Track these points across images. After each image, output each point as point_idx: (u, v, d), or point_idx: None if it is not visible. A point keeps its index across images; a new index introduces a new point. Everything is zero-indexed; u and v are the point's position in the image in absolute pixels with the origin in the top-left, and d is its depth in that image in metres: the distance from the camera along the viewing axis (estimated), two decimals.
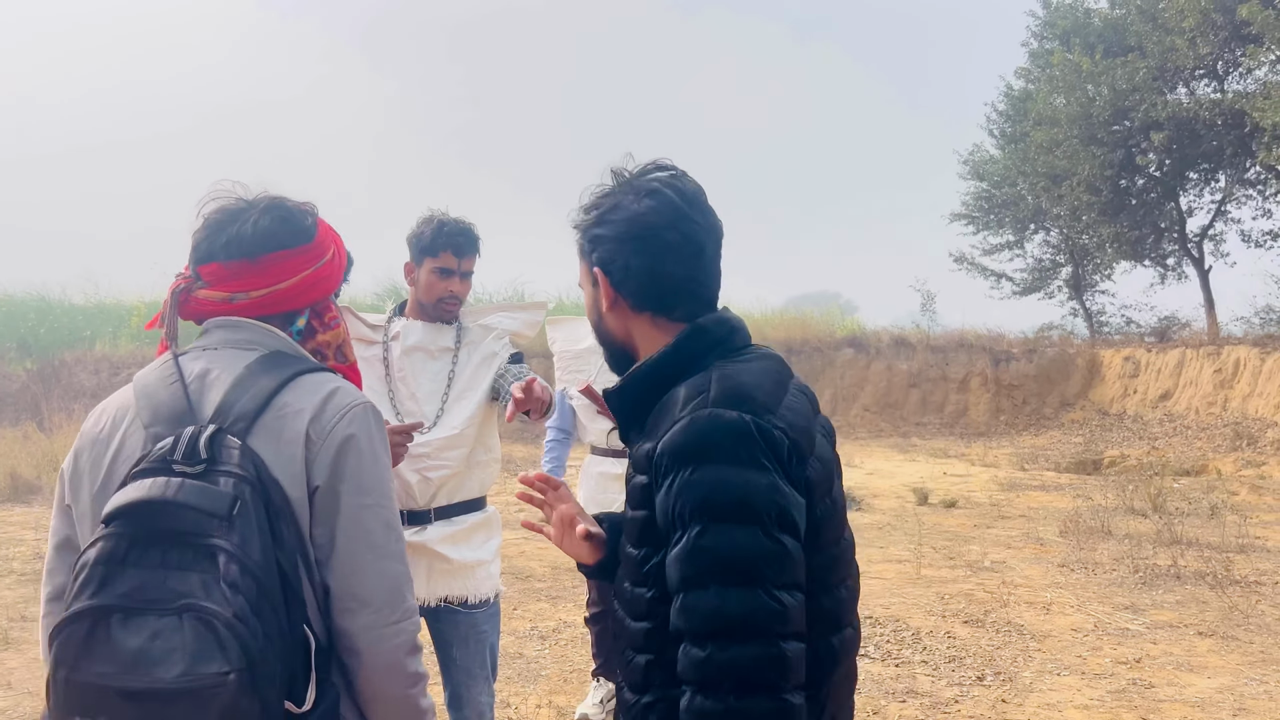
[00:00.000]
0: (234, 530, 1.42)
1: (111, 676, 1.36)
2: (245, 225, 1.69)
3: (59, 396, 16.40)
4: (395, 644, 1.58)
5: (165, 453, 1.48)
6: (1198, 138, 19.19)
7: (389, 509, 1.61)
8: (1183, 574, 7.33)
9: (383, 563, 1.57)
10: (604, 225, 1.61)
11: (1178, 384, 17.73)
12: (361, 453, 1.59)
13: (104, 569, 1.41)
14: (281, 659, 1.43)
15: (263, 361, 1.63)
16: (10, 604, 6.75)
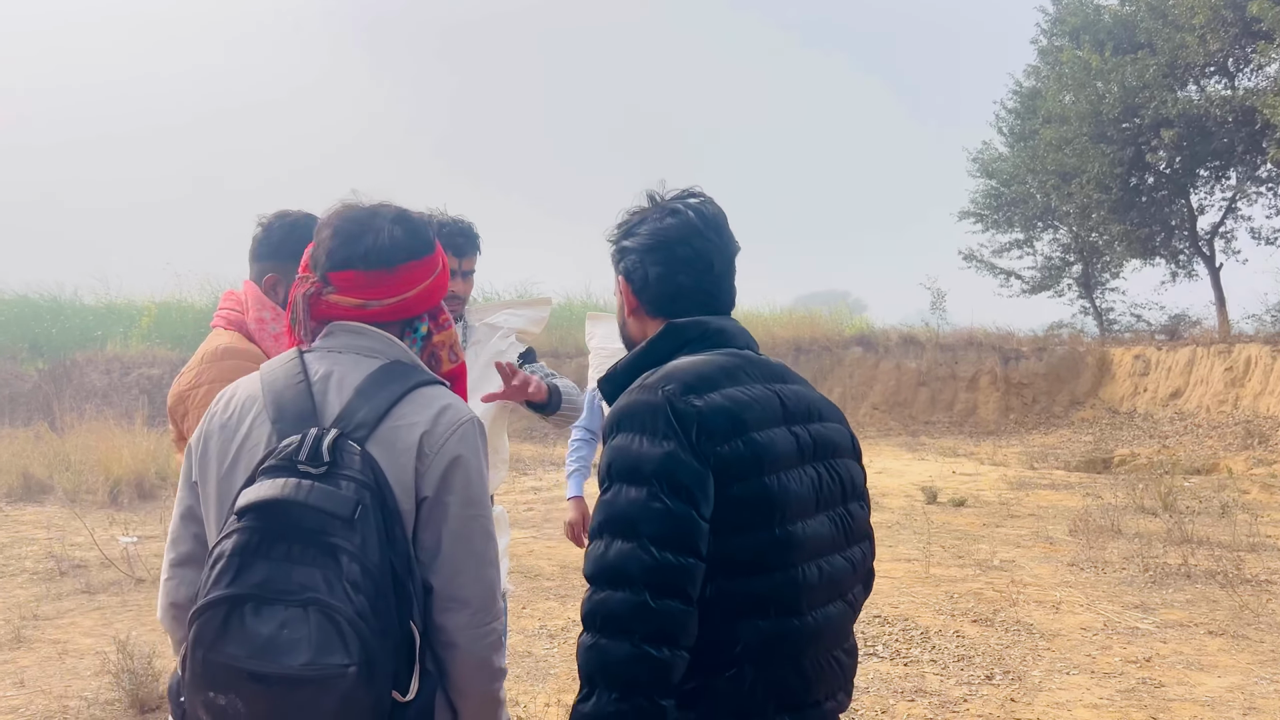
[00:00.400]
0: (355, 532, 1.55)
1: (244, 659, 1.50)
2: (382, 236, 1.79)
3: (70, 396, 16.46)
4: (488, 641, 1.70)
5: (291, 452, 1.61)
6: (1208, 135, 19.11)
7: (489, 519, 1.74)
8: (1193, 573, 7.31)
9: (482, 568, 1.70)
10: (630, 238, 1.82)
11: (1188, 382, 17.67)
12: (469, 468, 1.71)
13: (239, 560, 1.54)
14: (393, 654, 1.56)
15: (384, 371, 1.75)
16: (22, 603, 6.78)
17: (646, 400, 1.58)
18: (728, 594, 1.56)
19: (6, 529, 9.70)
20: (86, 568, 7.83)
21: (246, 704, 1.50)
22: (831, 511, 1.72)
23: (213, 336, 2.70)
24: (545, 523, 9.96)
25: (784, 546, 1.59)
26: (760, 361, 1.76)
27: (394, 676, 1.57)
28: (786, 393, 1.72)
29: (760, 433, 1.61)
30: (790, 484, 1.62)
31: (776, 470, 1.61)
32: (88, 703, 4.90)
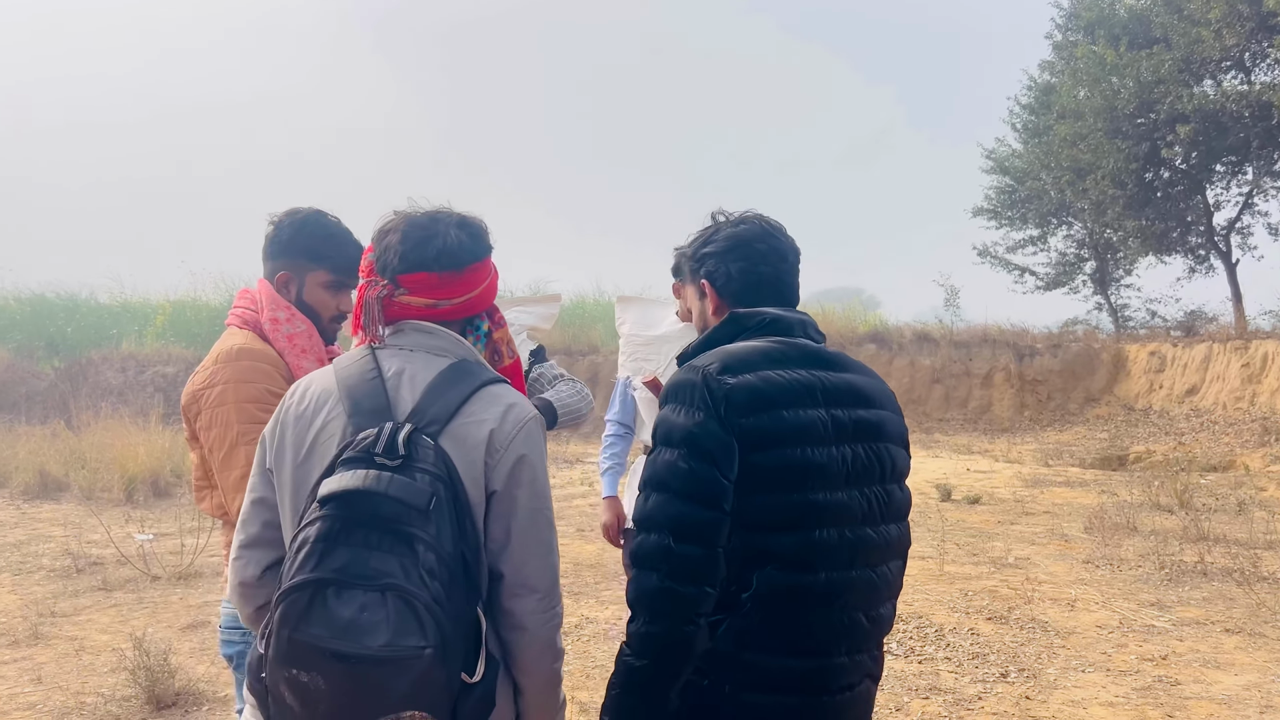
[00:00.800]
0: (430, 522, 1.66)
1: (326, 639, 1.59)
2: (450, 239, 1.91)
3: (86, 395, 16.55)
4: (553, 624, 1.82)
5: (369, 445, 1.71)
6: (1224, 130, 18.99)
7: (551, 511, 1.85)
8: (1210, 570, 7.27)
9: (548, 556, 1.82)
10: (709, 245, 2.08)
11: (1204, 379, 17.57)
12: (535, 464, 1.82)
13: (323, 546, 1.64)
14: (462, 638, 1.67)
15: (454, 369, 1.86)
16: (40, 599, 6.82)
17: (688, 378, 1.84)
18: (748, 545, 1.79)
19: (24, 526, 9.76)
20: (103, 565, 7.87)
21: (328, 681, 1.59)
22: (866, 489, 1.89)
23: (227, 335, 2.71)
24: (558, 520, 9.96)
25: (801, 510, 1.80)
26: (812, 350, 1.96)
27: (463, 659, 1.67)
28: (832, 379, 1.91)
29: (790, 410, 1.82)
30: (816, 457, 1.82)
31: (802, 444, 1.81)
32: (104, 699, 4.93)
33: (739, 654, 1.80)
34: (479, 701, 1.71)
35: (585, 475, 13.58)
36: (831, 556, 1.82)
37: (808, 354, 1.93)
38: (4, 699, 4.96)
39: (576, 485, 12.64)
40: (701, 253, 2.09)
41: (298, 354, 2.60)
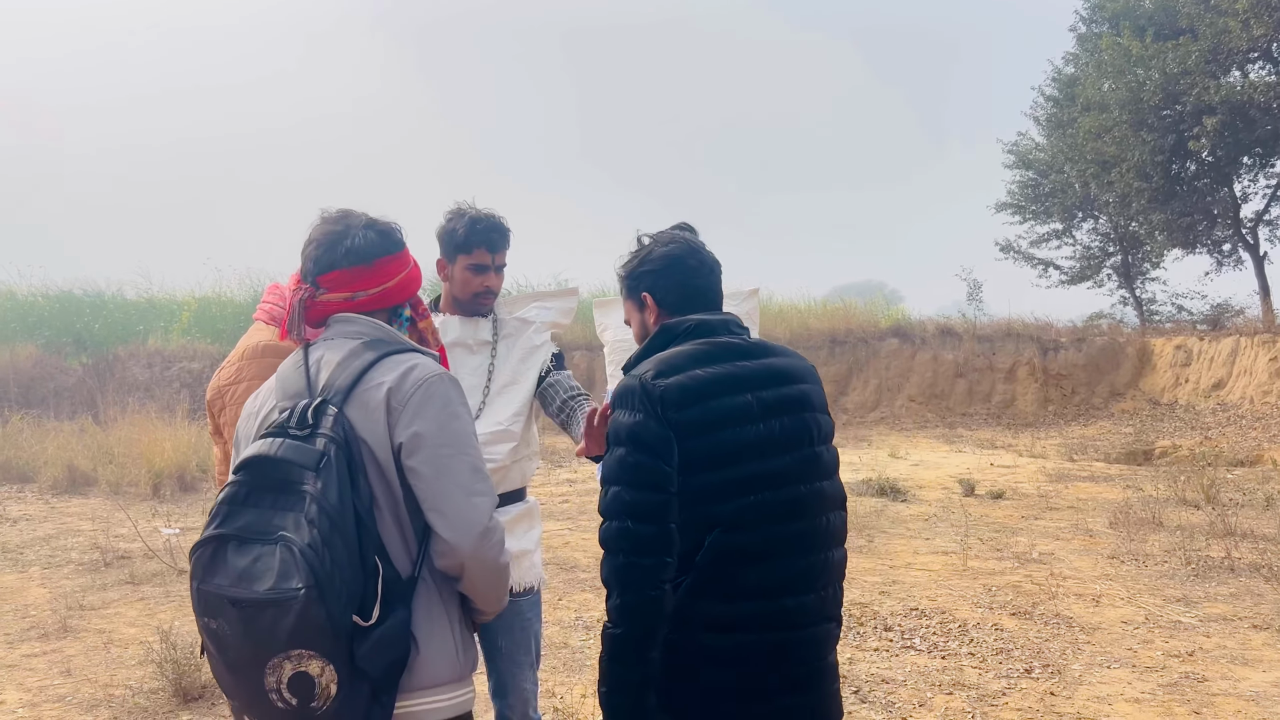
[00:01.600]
0: (319, 479, 1.84)
1: (225, 588, 1.80)
2: (357, 238, 2.10)
3: (113, 390, 16.71)
4: (490, 555, 1.97)
5: (284, 420, 1.93)
6: (1252, 122, 18.76)
7: (472, 455, 1.99)
8: (1237, 566, 7.21)
9: (472, 499, 1.95)
10: (646, 265, 2.35)
11: (1231, 373, 17.40)
12: (437, 412, 1.96)
13: (228, 508, 1.86)
14: (348, 582, 1.80)
15: (363, 345, 2.05)
16: (69, 593, 6.90)
17: (629, 385, 2.13)
18: (696, 516, 2.07)
19: (53, 521, 9.87)
20: (130, 559, 7.95)
21: (230, 626, 1.80)
22: (795, 453, 2.18)
23: (253, 331, 2.73)
24: (580, 515, 9.99)
25: (737, 482, 2.10)
26: (734, 345, 2.24)
27: (357, 603, 1.82)
28: (752, 366, 2.21)
29: (716, 400, 2.11)
30: (746, 435, 2.12)
31: (731, 426, 2.11)
32: (132, 691, 4.98)
33: (696, 604, 2.07)
34: (378, 644, 1.84)
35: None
36: (769, 515, 2.12)
37: (730, 349, 2.23)
38: (34, 691, 5.02)
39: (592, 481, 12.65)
40: (640, 271, 2.37)
41: None
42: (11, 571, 7.67)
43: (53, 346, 18.08)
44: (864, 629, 5.89)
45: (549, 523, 9.48)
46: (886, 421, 18.97)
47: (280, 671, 1.78)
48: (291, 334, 2.11)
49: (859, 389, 19.84)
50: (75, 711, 4.76)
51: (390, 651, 1.87)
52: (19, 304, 19.41)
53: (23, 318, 18.80)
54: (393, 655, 1.88)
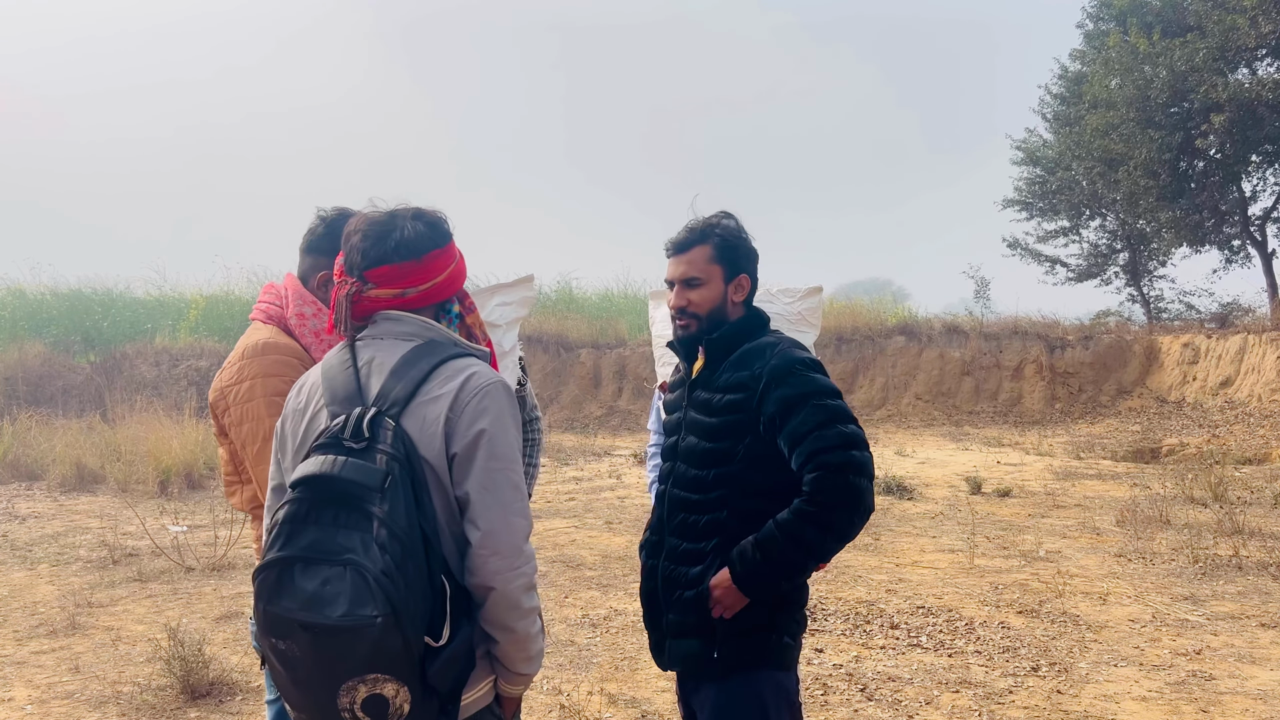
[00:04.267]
0: (385, 500, 1.80)
1: (295, 611, 1.76)
2: (406, 231, 2.04)
3: (121, 388, 16.76)
4: (520, 583, 1.91)
5: (338, 430, 1.88)
6: (1259, 119, 18.71)
7: (516, 473, 1.95)
8: (1245, 564, 7.19)
9: (511, 518, 1.91)
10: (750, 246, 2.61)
11: (1239, 371, 17.35)
12: (492, 425, 1.93)
13: (290, 527, 1.81)
14: (422, 604, 1.79)
15: (417, 350, 2.00)
16: (77, 590, 6.92)
17: (805, 355, 2.44)
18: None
19: (61, 518, 9.91)
20: (138, 556, 7.98)
21: (300, 649, 1.76)
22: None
23: (252, 330, 2.73)
24: (587, 513, 10.00)
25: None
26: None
27: (427, 624, 1.80)
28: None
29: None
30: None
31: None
32: (140, 688, 5.00)
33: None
34: (448, 663, 1.83)
35: (614, 468, 13.60)
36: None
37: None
38: (43, 688, 5.04)
39: (604, 478, 12.66)
40: (748, 250, 2.58)
41: (323, 349, 2.60)
42: (20, 569, 7.70)
43: (61, 344, 18.14)
44: (871, 627, 5.89)
45: (556, 520, 9.49)
46: (893, 419, 18.95)
47: (354, 694, 1.77)
48: (339, 330, 2.05)
49: (865, 387, 19.82)
50: (83, 708, 4.78)
51: (459, 667, 1.87)
52: (28, 302, 19.46)
53: (31, 316, 18.86)
54: (460, 670, 1.88)
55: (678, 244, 2.59)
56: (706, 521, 2.45)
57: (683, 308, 2.55)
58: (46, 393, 16.79)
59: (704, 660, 2.46)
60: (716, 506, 2.44)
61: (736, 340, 2.53)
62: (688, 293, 2.55)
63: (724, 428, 2.45)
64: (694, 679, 2.53)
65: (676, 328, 2.60)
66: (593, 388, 19.97)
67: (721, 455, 2.45)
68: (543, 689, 4.93)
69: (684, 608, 2.48)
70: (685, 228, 2.61)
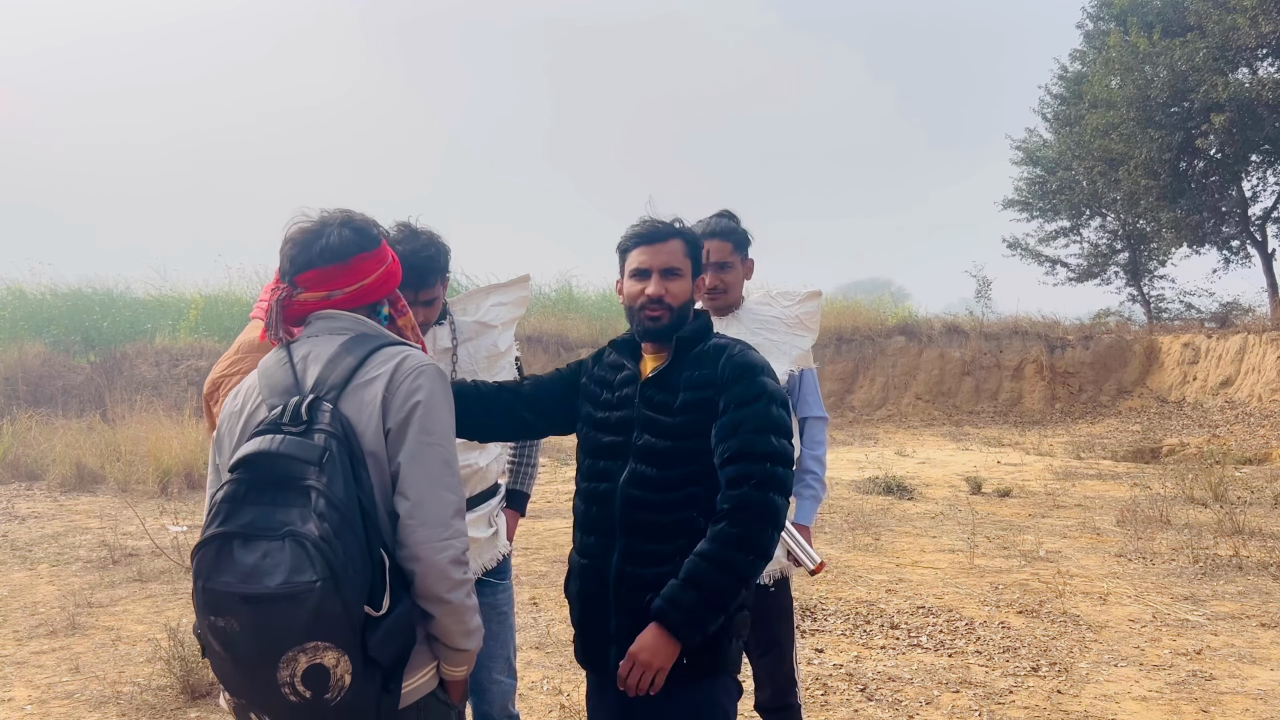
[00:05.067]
0: (324, 473, 1.86)
1: (234, 585, 1.80)
2: (332, 236, 2.11)
3: (121, 388, 16.75)
4: (444, 556, 1.94)
5: (276, 417, 1.94)
6: (1260, 120, 18.71)
7: (446, 449, 2.01)
8: (1245, 564, 7.19)
9: (438, 491, 1.96)
10: (700, 241, 2.63)
11: (1239, 370, 17.35)
12: (425, 401, 1.99)
13: (228, 506, 1.86)
14: (359, 573, 1.83)
15: (350, 342, 2.07)
16: (77, 590, 6.92)
17: (762, 359, 2.46)
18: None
19: (61, 518, 9.90)
20: (138, 556, 7.97)
21: (240, 623, 1.80)
22: None
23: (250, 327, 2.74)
24: None
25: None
26: None
27: (367, 594, 1.84)
28: None
29: None
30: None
31: None
32: (140, 688, 5.00)
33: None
34: (388, 634, 1.87)
35: None
36: None
37: None
38: (43, 688, 5.04)
39: None
40: (700, 244, 2.63)
41: None
42: (20, 569, 7.70)
43: (61, 344, 18.12)
44: (871, 627, 5.89)
45: (554, 520, 9.50)
46: (893, 419, 18.95)
47: (295, 665, 1.80)
48: (271, 334, 2.12)
49: (865, 387, 19.82)
50: (83, 708, 4.77)
51: (400, 639, 1.90)
52: (28, 302, 19.45)
53: (31, 316, 18.84)
54: (401, 643, 1.91)
55: (656, 233, 2.52)
56: (673, 521, 2.37)
57: (660, 297, 2.47)
58: (46, 393, 16.79)
59: (671, 667, 2.32)
60: (685, 505, 2.37)
61: (700, 338, 2.51)
62: (666, 283, 2.48)
63: (689, 426, 2.39)
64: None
65: (644, 319, 2.49)
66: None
67: (688, 454, 2.38)
68: (543, 689, 4.94)
69: (646, 611, 2.33)
70: (654, 221, 2.55)
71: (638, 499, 2.41)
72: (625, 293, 2.55)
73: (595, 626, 2.51)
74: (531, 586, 6.99)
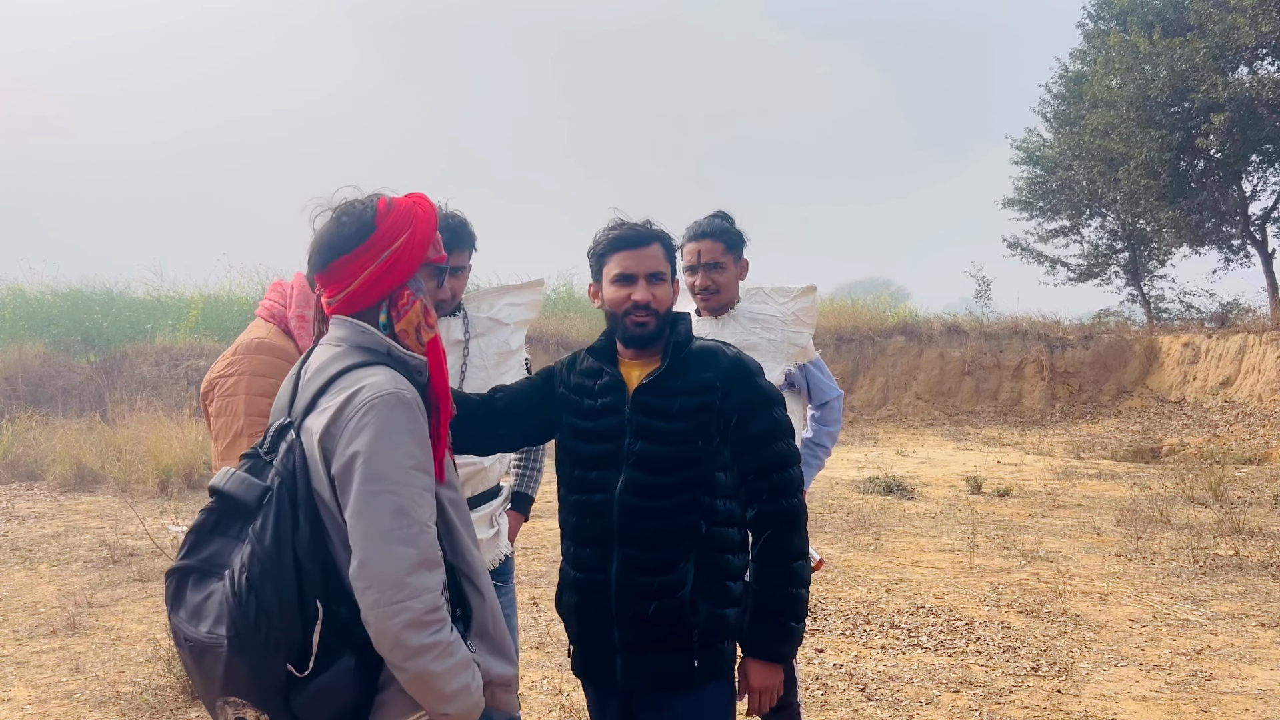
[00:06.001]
0: (259, 517, 1.74)
1: (180, 623, 1.76)
2: (324, 235, 1.95)
3: (121, 388, 16.74)
4: (396, 621, 1.72)
5: (260, 442, 1.87)
6: (1260, 119, 18.70)
7: (401, 495, 1.76)
8: (1245, 564, 7.19)
9: (389, 546, 1.73)
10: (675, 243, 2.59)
11: (1239, 370, 17.35)
12: (370, 445, 1.76)
13: (195, 536, 1.80)
14: (277, 629, 1.69)
15: (333, 358, 1.90)
16: (77, 590, 6.92)
17: (757, 363, 2.50)
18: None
19: (61, 518, 9.90)
20: (138, 556, 7.97)
21: (186, 659, 1.77)
22: None
23: (252, 327, 2.74)
24: None
25: None
26: None
27: (293, 651, 1.70)
28: None
29: None
30: None
31: None
32: (140, 688, 5.00)
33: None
34: (317, 696, 1.72)
35: None
36: None
37: None
38: (43, 688, 5.04)
39: None
40: (676, 247, 2.61)
41: None
42: (20, 569, 7.70)
43: (60, 344, 18.11)
44: (871, 627, 5.89)
45: (554, 520, 9.46)
46: (893, 419, 18.95)
47: (225, 714, 1.75)
48: (314, 338, 2.07)
49: (865, 386, 19.81)
50: (83, 708, 4.77)
51: (333, 702, 1.74)
52: (28, 302, 19.44)
53: (31, 315, 18.83)
54: (337, 706, 1.75)
55: (638, 237, 2.45)
56: (676, 528, 2.34)
57: (647, 303, 2.41)
58: (46, 392, 16.78)
59: (681, 672, 2.33)
60: (686, 511, 2.34)
61: (689, 341, 2.49)
62: (653, 288, 2.43)
63: (688, 431, 2.36)
64: (661, 693, 2.38)
65: (630, 325, 2.43)
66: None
67: (687, 459, 2.35)
68: (543, 689, 4.94)
69: (651, 620, 2.33)
70: (632, 224, 2.49)
71: (637, 507, 2.36)
72: (607, 298, 2.48)
73: (596, 639, 2.46)
74: (531, 586, 6.99)
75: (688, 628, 2.32)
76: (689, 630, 2.32)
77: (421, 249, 1.99)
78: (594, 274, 2.54)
